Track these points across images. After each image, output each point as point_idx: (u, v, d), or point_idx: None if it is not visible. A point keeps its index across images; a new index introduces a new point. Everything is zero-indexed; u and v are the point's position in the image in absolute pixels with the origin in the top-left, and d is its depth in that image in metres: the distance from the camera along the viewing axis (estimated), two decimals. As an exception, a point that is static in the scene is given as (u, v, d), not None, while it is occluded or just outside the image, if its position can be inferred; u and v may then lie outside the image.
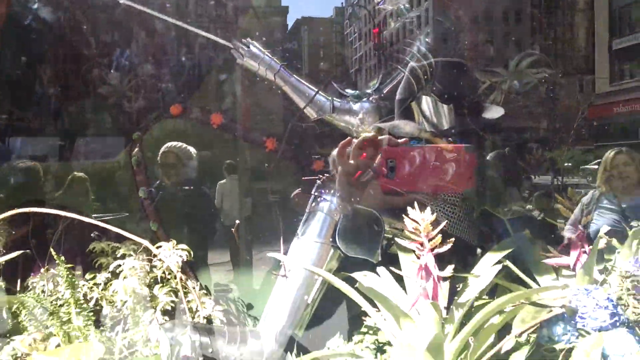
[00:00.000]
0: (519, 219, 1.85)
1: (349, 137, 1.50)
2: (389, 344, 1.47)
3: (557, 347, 1.25)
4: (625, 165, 2.74)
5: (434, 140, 1.76)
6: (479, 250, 1.76)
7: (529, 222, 1.76)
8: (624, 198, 2.67)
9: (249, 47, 1.74)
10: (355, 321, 1.72)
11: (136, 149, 2.10)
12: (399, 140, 1.50)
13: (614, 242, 1.42)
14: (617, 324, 1.26)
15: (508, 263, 1.58)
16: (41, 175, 2.53)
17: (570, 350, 1.21)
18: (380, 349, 1.56)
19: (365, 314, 1.59)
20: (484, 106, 1.72)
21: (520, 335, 1.22)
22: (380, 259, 1.62)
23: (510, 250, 1.55)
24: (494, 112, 1.69)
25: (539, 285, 1.58)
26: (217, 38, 1.71)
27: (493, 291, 1.59)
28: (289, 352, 1.53)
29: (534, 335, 1.31)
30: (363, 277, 1.57)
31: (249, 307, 1.82)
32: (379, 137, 1.49)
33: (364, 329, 1.68)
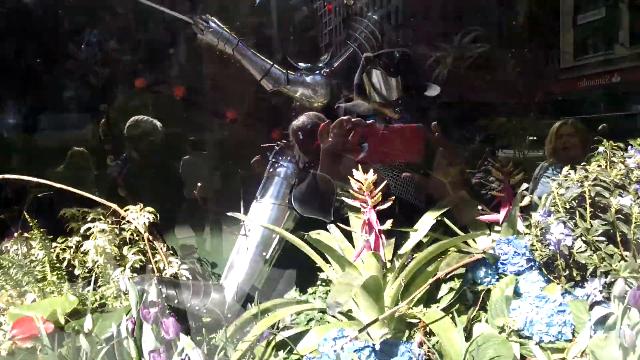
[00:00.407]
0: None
1: (327, 120, 1.67)
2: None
3: (480, 288, 1.43)
4: (569, 136, 2.92)
5: (382, 110, 1.92)
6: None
7: (469, 184, 1.93)
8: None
9: (208, 23, 1.84)
10: (311, 279, 1.89)
11: (103, 120, 2.21)
12: (367, 122, 1.70)
13: (535, 199, 1.59)
14: (533, 268, 1.45)
15: (446, 220, 1.75)
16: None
17: (489, 290, 1.40)
18: (330, 298, 1.73)
19: (320, 270, 1.76)
20: (425, 85, 1.91)
21: (445, 275, 1.39)
22: (332, 219, 1.78)
23: (447, 209, 1.72)
24: (432, 91, 1.89)
25: (473, 240, 1.77)
26: (178, 14, 1.81)
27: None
28: (249, 303, 1.69)
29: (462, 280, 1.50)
30: (316, 234, 1.73)
31: (213, 265, 1.97)
32: (352, 120, 1.67)
33: (318, 282, 1.86)
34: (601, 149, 1.44)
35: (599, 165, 1.35)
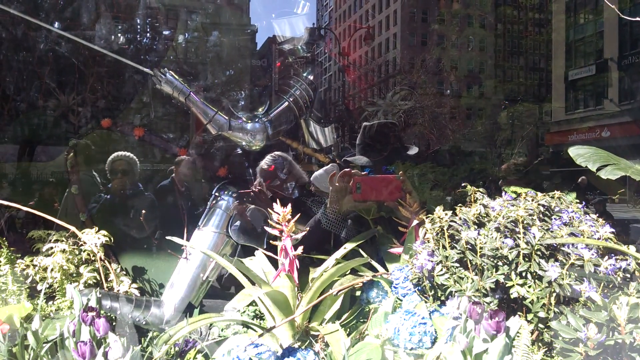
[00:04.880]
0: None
1: (334, 171, 2.03)
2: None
3: (371, 306, 1.69)
4: None
5: (315, 155, 2.23)
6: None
7: (387, 221, 2.21)
8: None
9: (165, 75, 2.16)
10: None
11: (71, 154, 2.49)
12: (363, 173, 2.07)
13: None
14: (418, 290, 1.71)
15: (360, 251, 2.02)
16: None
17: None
18: (257, 316, 1.98)
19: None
20: (408, 147, 2.30)
21: (337, 292, 1.66)
22: (265, 247, 2.05)
23: (362, 242, 2.00)
24: (412, 150, 2.27)
25: (387, 269, 2.03)
26: (140, 66, 2.12)
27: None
28: (187, 314, 1.94)
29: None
30: (249, 260, 2.00)
31: (161, 286, 2.22)
32: (352, 171, 2.09)
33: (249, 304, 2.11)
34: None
35: (467, 206, 1.63)
